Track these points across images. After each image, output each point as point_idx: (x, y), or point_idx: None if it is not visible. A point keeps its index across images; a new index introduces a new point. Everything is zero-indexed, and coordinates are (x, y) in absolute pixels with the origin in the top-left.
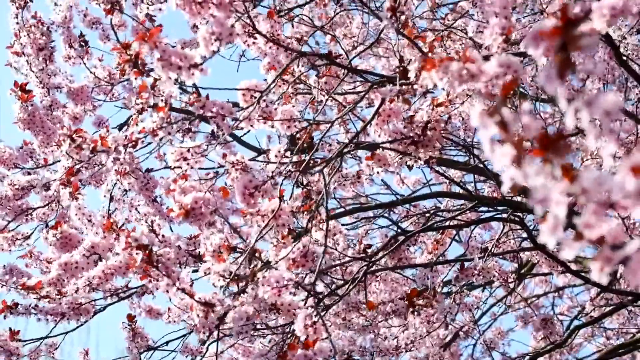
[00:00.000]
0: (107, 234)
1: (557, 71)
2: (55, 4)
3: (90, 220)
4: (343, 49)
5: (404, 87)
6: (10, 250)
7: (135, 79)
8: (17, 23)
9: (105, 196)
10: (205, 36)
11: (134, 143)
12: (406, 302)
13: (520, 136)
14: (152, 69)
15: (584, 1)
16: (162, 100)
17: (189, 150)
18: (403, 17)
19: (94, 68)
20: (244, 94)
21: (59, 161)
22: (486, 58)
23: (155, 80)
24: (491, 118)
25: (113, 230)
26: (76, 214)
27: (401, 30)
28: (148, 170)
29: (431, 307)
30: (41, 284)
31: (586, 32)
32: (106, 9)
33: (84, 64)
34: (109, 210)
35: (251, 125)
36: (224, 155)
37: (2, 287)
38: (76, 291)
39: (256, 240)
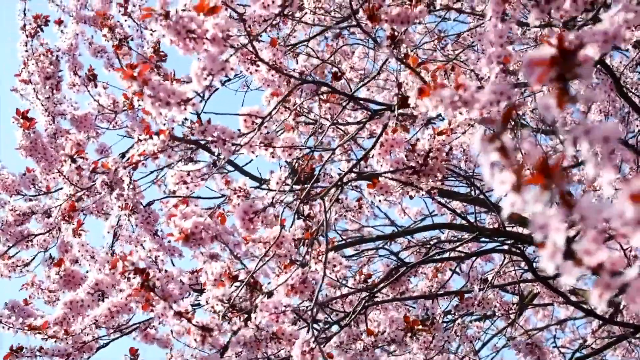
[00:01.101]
0: (112, 271)
1: (556, 100)
2: (62, 31)
3: (93, 257)
4: (346, 80)
5: (403, 114)
6: (9, 277)
7: (138, 100)
8: (26, 51)
9: (108, 232)
10: (197, 72)
11: (134, 166)
12: (405, 329)
13: (520, 163)
14: None
15: (579, 29)
16: (163, 124)
17: (188, 174)
18: (403, 46)
19: (98, 96)
20: (245, 120)
21: (61, 189)
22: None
23: None
24: (491, 144)
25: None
26: (79, 251)
27: (402, 59)
28: (149, 204)
29: (430, 334)
30: (47, 324)
31: (582, 61)
32: (115, 45)
33: (89, 91)
34: (112, 246)
35: (252, 152)
36: (227, 182)
37: (8, 329)
38: (82, 330)
39: (257, 269)
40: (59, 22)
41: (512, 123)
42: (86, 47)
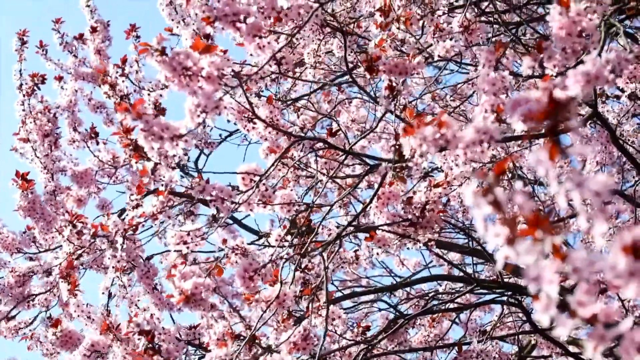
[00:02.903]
0: (105, 334)
1: (547, 154)
2: (62, 87)
3: (89, 317)
4: (344, 133)
5: (400, 165)
6: (12, 338)
7: (136, 162)
8: (24, 110)
9: (103, 293)
10: (191, 108)
11: (134, 228)
12: None
13: (513, 216)
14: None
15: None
16: (162, 185)
17: (189, 234)
18: (401, 99)
19: (97, 152)
20: (243, 178)
21: (61, 246)
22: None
23: (156, 164)
24: (484, 197)
25: (110, 331)
26: (75, 311)
27: (399, 113)
28: (148, 258)
29: None
30: None
31: (573, 113)
32: (116, 103)
33: (88, 147)
34: (107, 307)
35: (250, 210)
36: (224, 241)
37: None
38: None
39: (258, 328)
40: (59, 79)
41: (507, 174)
42: (85, 103)
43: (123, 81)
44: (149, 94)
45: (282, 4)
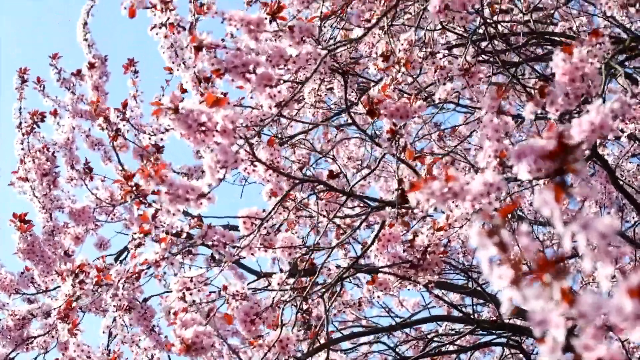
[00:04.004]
0: None
1: (553, 195)
2: (58, 123)
3: (89, 357)
4: (344, 174)
5: (402, 210)
6: None
7: (137, 209)
8: (22, 149)
9: (104, 332)
10: (211, 164)
11: (137, 276)
12: None
13: (518, 258)
14: (154, 200)
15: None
16: (163, 231)
17: (191, 279)
18: (402, 141)
19: (95, 190)
20: (244, 222)
21: (59, 287)
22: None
23: (157, 210)
24: (490, 239)
25: None
26: (75, 351)
27: (401, 155)
28: (145, 300)
29: None
30: None
31: (579, 155)
32: (110, 135)
33: (86, 185)
34: (108, 347)
35: (252, 254)
36: (225, 287)
37: None
38: None
39: None
40: (54, 114)
41: (510, 216)
42: (83, 139)
43: (124, 125)
44: (150, 138)
45: (290, 53)
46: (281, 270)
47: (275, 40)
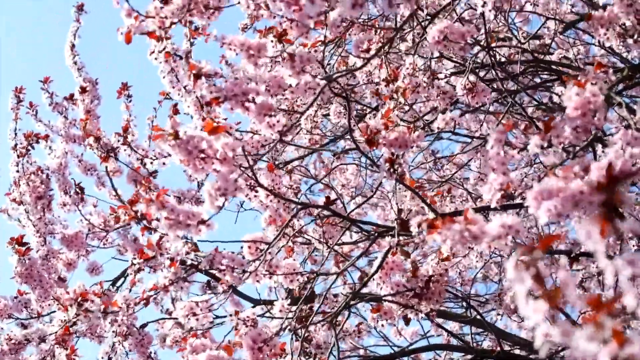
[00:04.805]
0: None
1: (600, 229)
2: (50, 147)
3: None
4: (342, 201)
5: (403, 238)
6: None
7: (142, 235)
8: (17, 171)
9: (102, 358)
10: (211, 192)
11: (145, 302)
12: None
13: (555, 291)
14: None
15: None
16: (169, 257)
17: (198, 304)
18: (400, 169)
19: (88, 215)
20: (249, 247)
21: (54, 312)
22: (482, 209)
23: (161, 237)
24: (527, 272)
25: None
26: None
27: (399, 180)
28: (143, 326)
29: None
30: None
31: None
32: (102, 157)
33: (79, 210)
34: None
35: (257, 281)
36: (237, 313)
37: None
38: None
39: None
40: (45, 138)
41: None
42: (76, 164)
43: (125, 150)
44: (151, 163)
45: (290, 82)
46: (283, 298)
47: (273, 67)
